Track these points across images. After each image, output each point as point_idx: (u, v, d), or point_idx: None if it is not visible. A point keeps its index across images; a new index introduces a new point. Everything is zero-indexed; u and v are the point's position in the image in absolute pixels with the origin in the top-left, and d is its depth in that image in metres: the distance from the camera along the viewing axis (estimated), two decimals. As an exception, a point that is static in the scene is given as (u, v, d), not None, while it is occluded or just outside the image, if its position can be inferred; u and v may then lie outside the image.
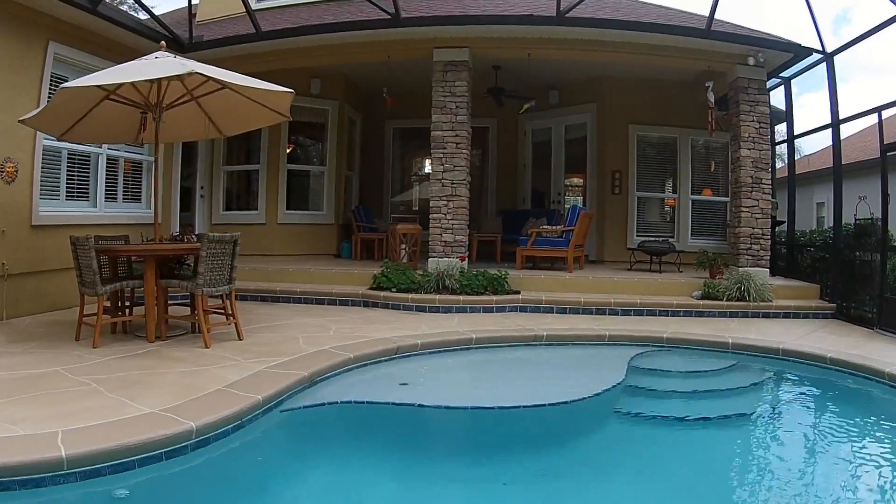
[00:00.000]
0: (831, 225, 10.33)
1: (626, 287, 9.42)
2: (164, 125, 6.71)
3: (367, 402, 4.93)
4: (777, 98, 11.49)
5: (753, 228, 9.86)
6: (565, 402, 5.03)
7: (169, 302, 6.78)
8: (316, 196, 13.03)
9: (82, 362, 5.33)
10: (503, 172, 14.75)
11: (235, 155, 12.64)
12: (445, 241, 9.78)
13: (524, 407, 5.00)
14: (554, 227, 10.45)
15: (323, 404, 4.83)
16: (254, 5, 11.69)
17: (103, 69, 7.80)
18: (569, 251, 10.17)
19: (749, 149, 9.87)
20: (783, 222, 11.50)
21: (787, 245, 11.39)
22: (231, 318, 6.54)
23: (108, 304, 6.52)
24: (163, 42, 6.64)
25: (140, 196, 10.19)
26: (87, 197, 9.08)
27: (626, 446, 4.80)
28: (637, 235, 12.17)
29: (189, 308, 6.79)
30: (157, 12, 10.59)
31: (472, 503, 3.89)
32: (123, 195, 9.71)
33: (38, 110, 6.41)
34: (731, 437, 5.01)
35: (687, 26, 9.54)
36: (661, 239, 11.33)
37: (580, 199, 13.44)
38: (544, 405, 5.04)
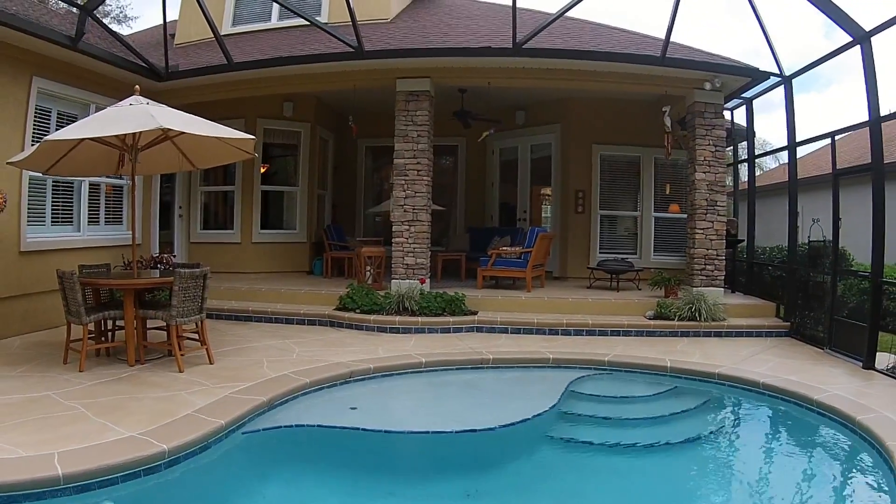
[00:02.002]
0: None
1: (580, 307, 10.36)
2: (142, 160, 7.63)
3: (318, 426, 5.87)
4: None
5: (707, 249, 10.66)
6: (492, 428, 5.90)
7: (148, 326, 7.72)
8: (289, 215, 14.03)
9: (70, 386, 6.25)
10: (472, 190, 15.82)
11: (212, 176, 13.59)
12: (407, 264, 10.76)
13: (456, 432, 5.88)
14: (513, 249, 11.45)
15: (279, 427, 5.76)
16: (229, 29, 12.68)
17: (85, 100, 8.86)
18: (527, 271, 11.13)
19: (704, 172, 10.67)
20: (742, 241, 12.38)
21: (747, 263, 12.17)
22: (203, 343, 7.50)
23: (92, 329, 7.51)
24: (136, 87, 7.53)
25: (121, 218, 11.15)
26: (71, 221, 10.04)
27: (552, 472, 5.55)
28: (600, 252, 13.18)
29: (165, 333, 7.74)
30: (143, 24, 11.51)
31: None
32: (105, 218, 10.65)
33: (25, 155, 7.29)
34: (654, 465, 5.70)
35: (642, 54, 10.27)
36: (619, 258, 12.30)
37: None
38: (476, 430, 5.91)
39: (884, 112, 7.91)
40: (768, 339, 9.50)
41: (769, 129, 68.83)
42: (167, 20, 11.06)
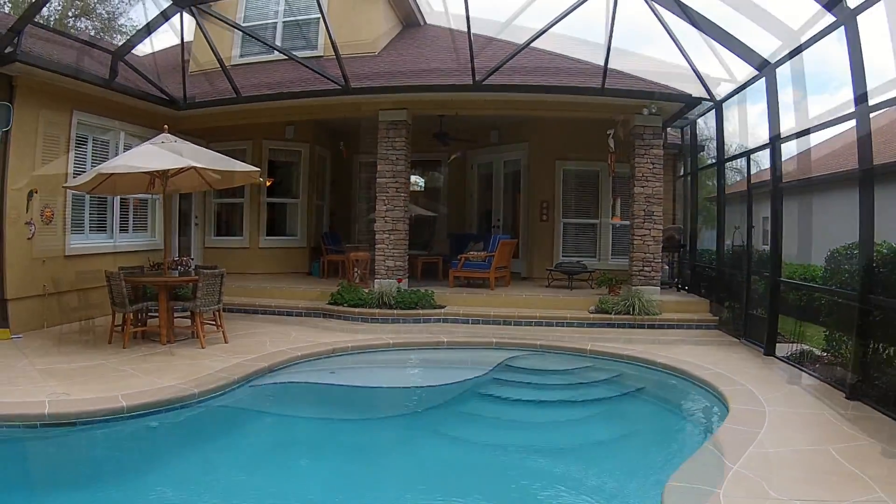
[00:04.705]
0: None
1: (532, 303, 12.75)
2: (178, 180, 10.30)
3: (304, 383, 8.55)
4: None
5: (645, 254, 12.85)
6: (434, 386, 8.69)
7: (175, 314, 10.25)
8: (291, 223, 16.69)
9: (119, 357, 8.86)
10: (453, 200, 18.44)
11: (225, 189, 16.12)
12: (388, 266, 13.28)
13: (399, 388, 8.71)
14: (478, 254, 13.93)
15: (276, 383, 8.39)
16: (238, 59, 15.23)
17: (116, 128, 11.88)
18: (490, 273, 13.61)
19: (643, 186, 12.86)
20: (684, 246, 14.77)
21: (690, 265, 14.48)
22: (219, 327, 10.04)
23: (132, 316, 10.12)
24: (165, 126, 10.19)
25: (147, 227, 13.73)
26: (105, 230, 12.62)
27: (474, 418, 8.11)
28: (563, 255, 15.62)
29: (189, 321, 10.24)
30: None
31: (348, 433, 7.46)
32: (133, 227, 13.21)
33: (80, 182, 9.89)
34: (549, 414, 8.21)
35: (584, 86, 12.39)
36: (576, 261, 14.70)
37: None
38: (420, 386, 8.65)
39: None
40: (695, 331, 11.49)
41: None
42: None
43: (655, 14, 10.79)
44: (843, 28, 7.44)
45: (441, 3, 11.95)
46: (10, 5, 24.11)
